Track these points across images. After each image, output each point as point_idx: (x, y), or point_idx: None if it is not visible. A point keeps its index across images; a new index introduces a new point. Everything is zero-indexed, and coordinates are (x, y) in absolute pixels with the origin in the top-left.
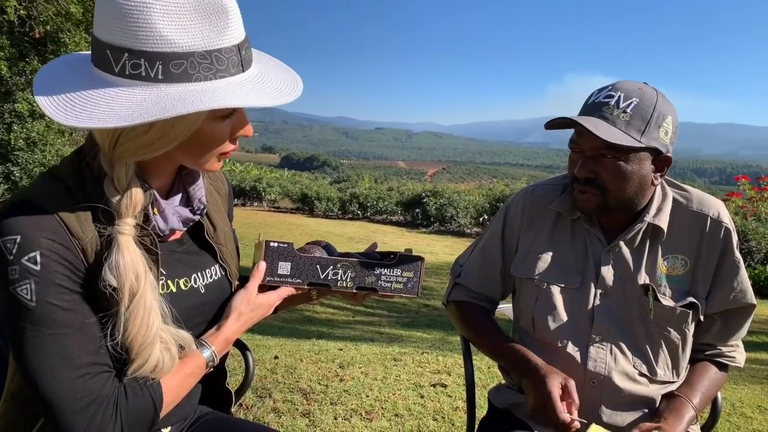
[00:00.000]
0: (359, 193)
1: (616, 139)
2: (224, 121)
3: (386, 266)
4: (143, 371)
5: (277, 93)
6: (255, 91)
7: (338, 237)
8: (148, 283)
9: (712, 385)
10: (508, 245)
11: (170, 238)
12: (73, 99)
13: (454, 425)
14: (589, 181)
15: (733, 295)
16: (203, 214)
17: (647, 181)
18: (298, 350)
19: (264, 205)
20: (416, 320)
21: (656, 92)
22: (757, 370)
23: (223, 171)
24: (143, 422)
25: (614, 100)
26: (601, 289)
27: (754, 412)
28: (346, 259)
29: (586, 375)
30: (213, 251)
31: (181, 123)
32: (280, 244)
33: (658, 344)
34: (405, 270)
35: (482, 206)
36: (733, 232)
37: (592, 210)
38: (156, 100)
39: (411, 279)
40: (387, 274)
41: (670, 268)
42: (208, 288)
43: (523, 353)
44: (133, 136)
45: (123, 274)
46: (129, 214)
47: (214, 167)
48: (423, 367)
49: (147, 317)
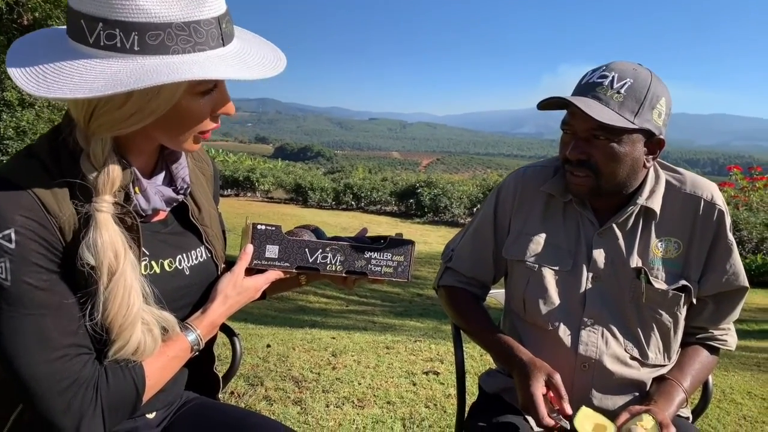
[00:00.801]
0: (353, 183)
1: (610, 120)
2: (204, 98)
3: (376, 250)
4: (124, 353)
5: (259, 67)
6: (235, 65)
7: (332, 227)
8: (128, 262)
9: (702, 369)
10: (500, 227)
11: (154, 218)
12: (45, 70)
13: (446, 412)
14: (581, 162)
15: (726, 278)
16: (187, 193)
17: (639, 163)
18: (291, 339)
19: (257, 196)
20: (409, 309)
21: (650, 73)
22: (747, 357)
23: (215, 160)
24: (125, 405)
25: (608, 80)
26: (593, 273)
27: (743, 398)
28: (335, 243)
29: (577, 359)
30: (198, 233)
31: (159, 97)
32: (267, 227)
33: (649, 328)
34: (395, 254)
35: (476, 197)
36: (727, 215)
37: (586, 193)
38: (131, 72)
39: (401, 263)
40: (377, 258)
41: (664, 250)
42: (193, 269)
43: (509, 345)
44: (108, 109)
45: (101, 252)
46: (107, 191)
47: (192, 147)
48: (416, 355)
49: (127, 297)
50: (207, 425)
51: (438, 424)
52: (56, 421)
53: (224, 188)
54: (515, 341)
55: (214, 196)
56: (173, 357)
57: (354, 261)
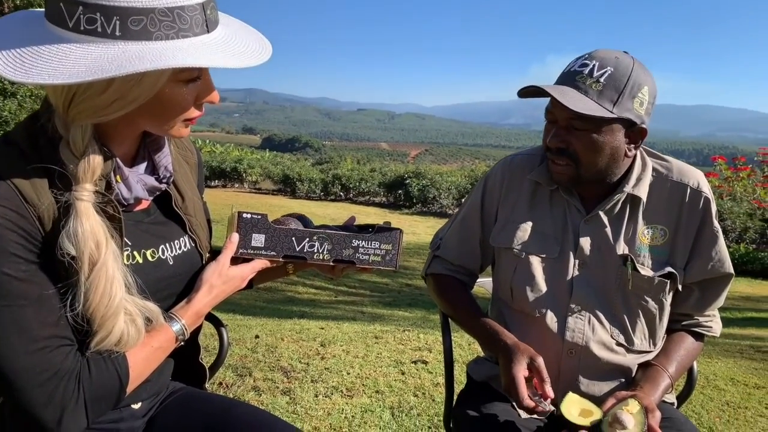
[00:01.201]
0: (342, 174)
1: (586, 110)
2: (188, 86)
3: (364, 239)
4: (107, 343)
5: (244, 56)
6: (220, 53)
7: (321, 218)
8: (109, 252)
9: (688, 355)
10: (487, 215)
11: (136, 207)
12: (23, 54)
13: (434, 401)
14: (561, 151)
15: (712, 265)
16: (170, 182)
17: (620, 153)
18: (279, 329)
19: (245, 187)
20: (398, 299)
21: (633, 61)
22: (731, 345)
23: (202, 150)
24: (108, 397)
25: (588, 68)
26: (579, 260)
27: (727, 384)
28: (322, 231)
29: (563, 345)
30: (182, 222)
31: (141, 84)
32: (253, 216)
33: (635, 314)
34: (383, 242)
35: (464, 187)
36: (713, 202)
37: (566, 181)
38: (112, 58)
39: (389, 252)
40: (365, 247)
41: (650, 238)
42: (177, 259)
43: (494, 329)
44: (89, 96)
45: (82, 242)
46: (87, 179)
47: (181, 133)
48: (404, 344)
49: (109, 287)
50: (193, 415)
51: (426, 412)
52: (37, 413)
53: (211, 179)
54: (500, 326)
55: (198, 185)
56: (157, 348)
57: (341, 249)
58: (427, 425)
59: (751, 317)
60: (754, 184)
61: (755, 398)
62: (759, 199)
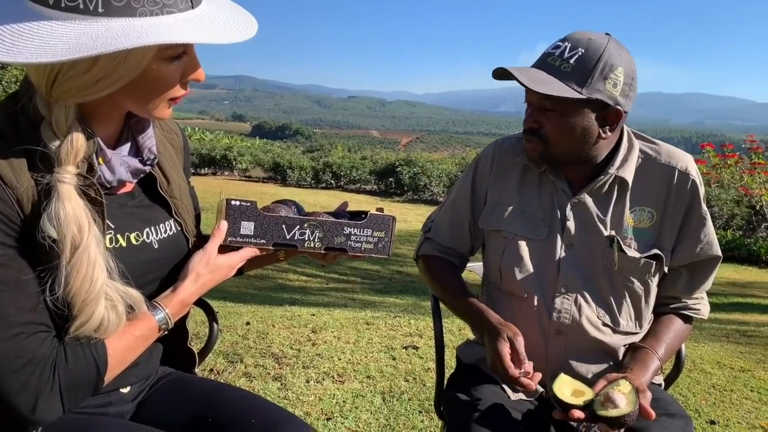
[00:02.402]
0: (332, 162)
1: (551, 91)
2: (173, 63)
3: (356, 226)
4: (86, 329)
5: (230, 31)
6: (206, 27)
7: (312, 206)
8: (92, 236)
9: (676, 337)
10: (477, 197)
11: (120, 190)
12: (3, 33)
13: (425, 385)
14: (533, 131)
15: (700, 248)
16: (154, 164)
17: (592, 134)
18: (271, 316)
19: (235, 174)
20: (389, 286)
21: (607, 43)
22: (717, 329)
23: (190, 137)
24: (85, 385)
25: (560, 50)
26: (566, 241)
27: (713, 368)
28: (313, 219)
29: (551, 325)
30: (167, 205)
31: (126, 62)
32: (242, 203)
33: (621, 295)
34: (375, 230)
35: (455, 175)
36: (701, 185)
37: (537, 160)
38: (95, 35)
39: (382, 239)
40: (357, 234)
41: (637, 220)
42: (162, 243)
43: (479, 309)
44: (73, 75)
45: (64, 225)
46: (70, 161)
47: (164, 114)
48: (395, 330)
49: (91, 271)
50: (184, 399)
51: (417, 397)
52: (11, 400)
53: (201, 167)
54: (486, 307)
55: (184, 169)
56: (138, 336)
57: (333, 237)
58: (418, 409)
59: (737, 302)
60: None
61: (740, 381)
62: (746, 186)
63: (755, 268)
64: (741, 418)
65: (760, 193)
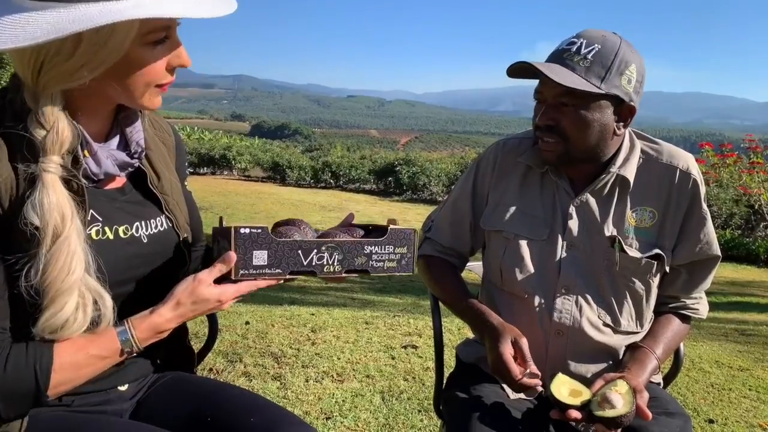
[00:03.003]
0: (332, 161)
1: (574, 84)
2: (156, 47)
3: (376, 243)
4: (53, 323)
5: (209, 5)
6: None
7: (311, 206)
8: (74, 226)
9: (675, 337)
10: (478, 198)
11: (110, 185)
12: None
13: (424, 385)
14: (550, 128)
15: (700, 247)
16: (141, 157)
17: (609, 130)
18: (270, 316)
19: (234, 174)
20: (388, 286)
21: (620, 40)
22: (716, 328)
23: (189, 137)
24: (21, 398)
25: (576, 46)
26: (568, 241)
27: (711, 366)
28: (331, 240)
29: (551, 326)
30: (158, 201)
31: (107, 45)
32: (252, 230)
33: (622, 295)
34: (398, 245)
35: (454, 174)
36: (701, 185)
37: (555, 160)
38: (72, 19)
39: (404, 255)
40: (378, 253)
41: (638, 220)
42: (152, 238)
43: (480, 311)
44: (58, 62)
45: (47, 213)
46: (55, 151)
47: (153, 103)
48: (394, 329)
49: (69, 261)
50: (183, 397)
51: (417, 396)
52: None
53: (200, 167)
54: (487, 308)
55: (178, 168)
56: (94, 355)
57: (353, 258)
58: (417, 408)
59: (735, 301)
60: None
61: (739, 380)
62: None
63: (754, 267)
64: (739, 416)
65: (758, 193)
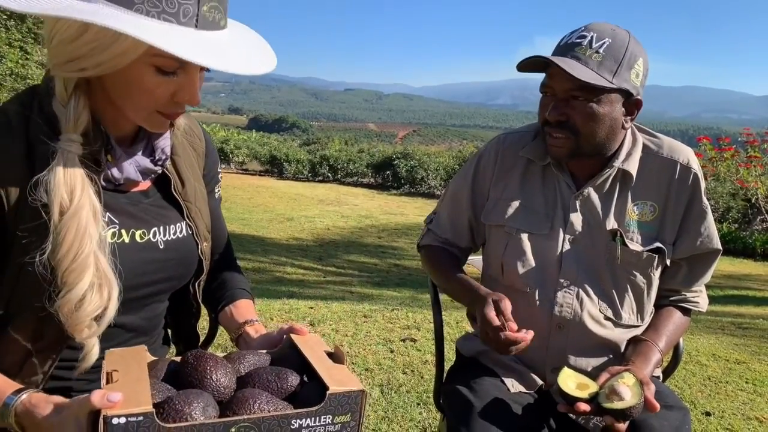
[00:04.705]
0: (329, 155)
1: (589, 79)
2: (164, 76)
3: (308, 415)
4: (69, 299)
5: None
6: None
7: (309, 199)
8: (85, 201)
9: (676, 330)
10: (478, 194)
11: (134, 188)
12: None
13: (423, 378)
14: (560, 123)
15: (700, 241)
16: (164, 165)
17: (618, 124)
18: (269, 309)
19: (232, 168)
20: (386, 280)
21: (628, 34)
22: (712, 322)
23: (203, 128)
24: None
25: (587, 40)
26: (569, 235)
27: (708, 360)
28: (244, 419)
29: (552, 320)
30: (180, 208)
31: (110, 49)
32: (129, 419)
33: (624, 289)
34: (338, 413)
35: (452, 168)
36: (702, 179)
37: (564, 155)
38: (82, 8)
39: (347, 424)
40: (311, 426)
41: (639, 214)
42: (168, 244)
43: (472, 286)
44: (62, 40)
45: (53, 189)
46: (71, 128)
47: (159, 127)
48: (393, 323)
49: (79, 239)
50: None
51: (416, 389)
52: None
53: None
54: (477, 283)
55: (207, 174)
56: None
57: None
58: (416, 401)
59: (732, 295)
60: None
61: (736, 373)
62: (742, 179)
63: (750, 261)
64: (736, 409)
65: (755, 186)
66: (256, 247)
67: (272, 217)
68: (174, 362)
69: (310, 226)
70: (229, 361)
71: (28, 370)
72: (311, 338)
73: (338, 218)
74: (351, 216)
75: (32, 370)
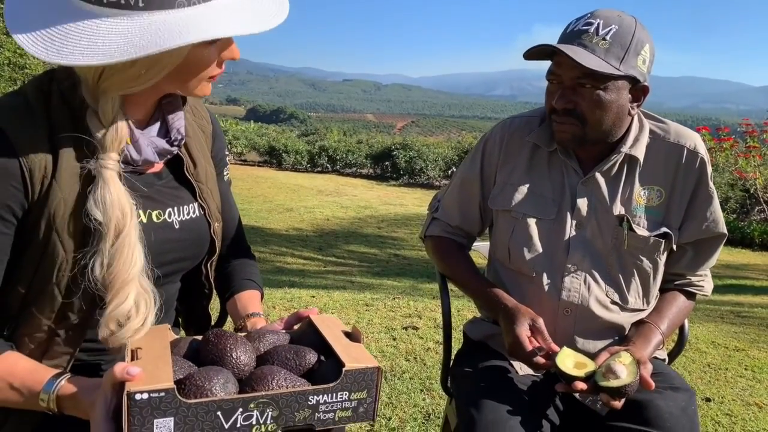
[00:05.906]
0: (328, 146)
1: (596, 66)
2: (211, 46)
3: (325, 392)
4: (120, 311)
5: (265, 16)
6: (242, 17)
7: (308, 190)
8: (134, 221)
9: (679, 313)
10: (486, 178)
11: (149, 170)
12: (51, 34)
13: (425, 365)
14: (567, 111)
15: (706, 225)
16: (181, 145)
17: (624, 111)
18: (270, 299)
19: (231, 158)
20: (387, 269)
21: (635, 20)
22: (712, 310)
23: (208, 110)
24: None
25: (593, 27)
26: (576, 220)
27: (708, 347)
28: (262, 395)
29: (559, 304)
30: (192, 189)
31: (168, 54)
32: (152, 394)
33: (630, 273)
34: (354, 389)
35: (451, 159)
36: (708, 164)
37: (570, 141)
38: (141, 32)
39: (363, 401)
40: (328, 402)
41: (646, 198)
42: (183, 224)
43: (494, 293)
44: (119, 69)
45: (110, 210)
46: (114, 148)
47: (205, 91)
48: (395, 311)
49: (131, 254)
50: None
51: (419, 376)
52: None
53: None
54: (500, 289)
55: (216, 157)
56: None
57: (293, 413)
58: (419, 388)
59: (731, 284)
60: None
61: (735, 360)
62: (740, 169)
63: (749, 250)
64: (736, 395)
65: (754, 177)
66: (256, 237)
67: (272, 208)
68: (195, 340)
69: (309, 217)
70: (249, 339)
71: (54, 351)
72: (329, 319)
73: (338, 209)
74: (350, 206)
75: (57, 351)
